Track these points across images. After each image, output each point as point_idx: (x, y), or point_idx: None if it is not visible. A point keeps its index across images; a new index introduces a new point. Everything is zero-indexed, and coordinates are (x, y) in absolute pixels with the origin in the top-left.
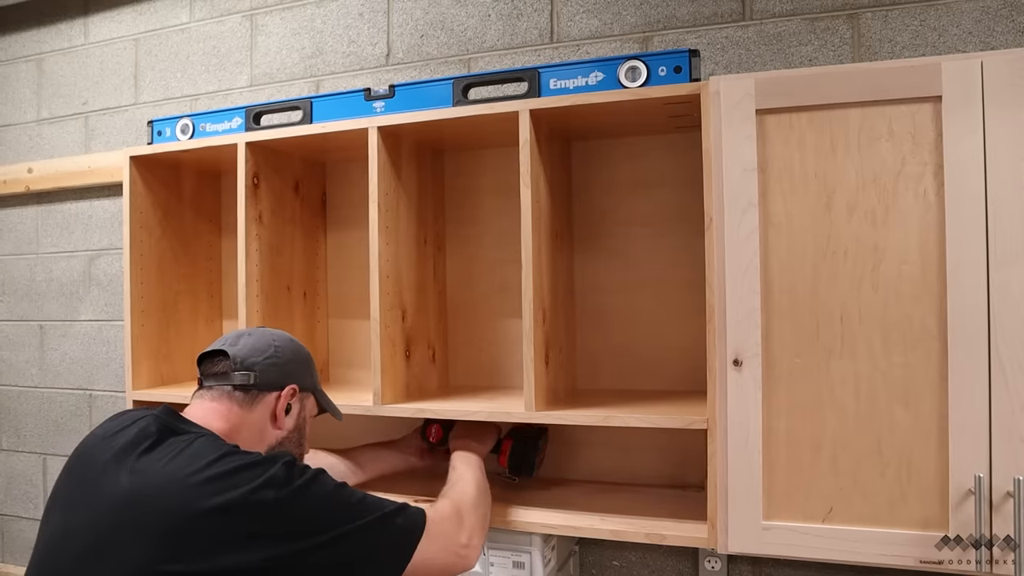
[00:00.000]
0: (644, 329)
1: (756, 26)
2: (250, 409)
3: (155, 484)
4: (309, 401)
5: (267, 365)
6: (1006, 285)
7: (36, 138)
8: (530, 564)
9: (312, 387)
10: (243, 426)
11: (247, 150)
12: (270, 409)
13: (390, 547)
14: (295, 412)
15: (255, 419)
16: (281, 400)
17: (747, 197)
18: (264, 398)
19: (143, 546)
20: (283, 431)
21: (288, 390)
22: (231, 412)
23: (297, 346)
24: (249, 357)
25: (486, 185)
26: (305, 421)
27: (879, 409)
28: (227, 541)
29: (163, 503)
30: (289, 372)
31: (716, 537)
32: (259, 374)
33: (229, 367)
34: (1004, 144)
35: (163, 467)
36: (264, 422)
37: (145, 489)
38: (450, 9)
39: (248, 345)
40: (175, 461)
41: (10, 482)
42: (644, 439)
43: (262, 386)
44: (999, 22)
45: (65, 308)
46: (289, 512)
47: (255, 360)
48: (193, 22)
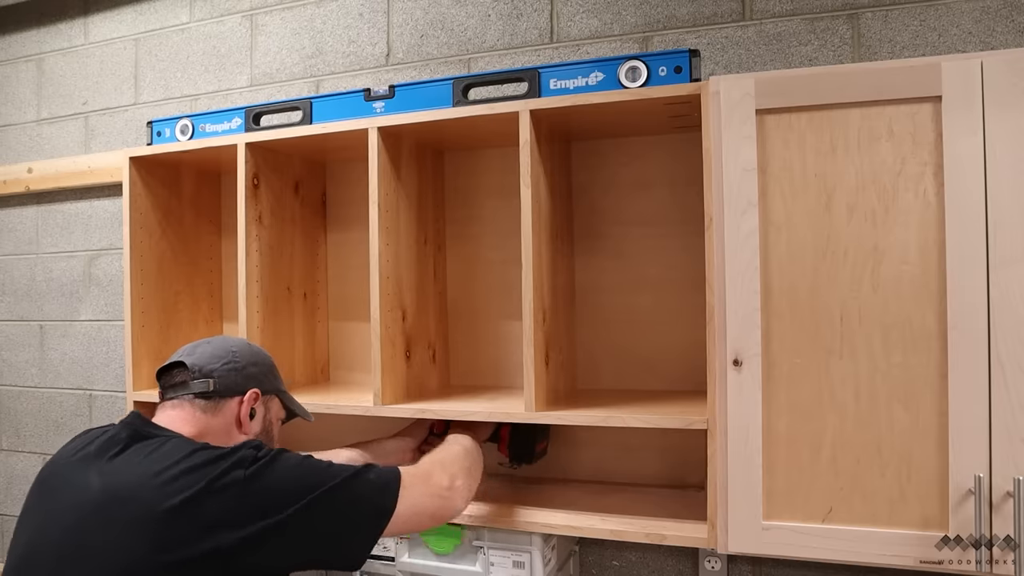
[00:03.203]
0: (644, 329)
1: (756, 26)
2: (213, 415)
3: (127, 483)
4: (274, 404)
5: (226, 371)
6: (1006, 285)
7: (36, 138)
8: (530, 564)
9: (275, 390)
10: (209, 431)
11: (247, 150)
12: (234, 414)
13: (370, 500)
14: (260, 416)
15: (220, 425)
16: (244, 405)
17: (747, 197)
18: (226, 404)
19: (124, 543)
20: (249, 435)
21: (250, 394)
22: (195, 418)
23: (256, 351)
24: (207, 364)
25: (486, 185)
26: (272, 424)
27: (879, 409)
28: (208, 526)
29: (136, 502)
30: (249, 376)
31: (716, 537)
32: (218, 380)
33: (188, 376)
34: (1004, 144)
35: (134, 468)
36: (229, 427)
37: (118, 489)
38: (450, 9)
39: (206, 353)
40: (146, 460)
41: (10, 482)
42: (644, 439)
43: (223, 392)
44: (999, 22)
45: (65, 308)
46: (260, 487)
47: (213, 367)
48: (193, 22)
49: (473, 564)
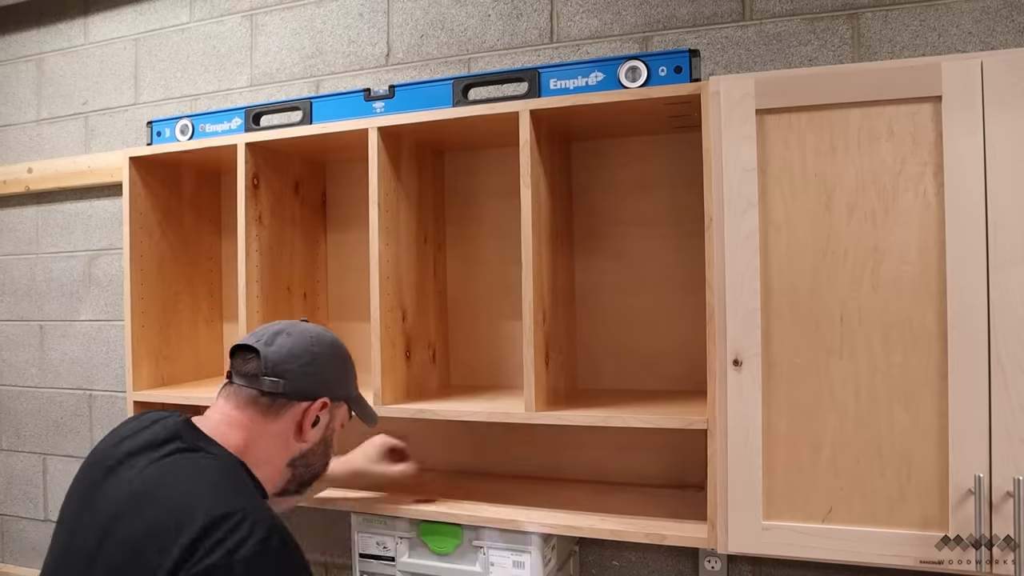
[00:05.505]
0: (644, 329)
1: (756, 26)
2: (274, 419)
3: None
4: (340, 411)
5: (300, 373)
6: (1006, 285)
7: (36, 138)
8: (530, 564)
9: (346, 396)
10: (262, 437)
11: (247, 151)
12: (296, 420)
13: None
14: (323, 424)
15: (277, 430)
16: (309, 413)
17: (747, 197)
18: (291, 408)
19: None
20: (307, 444)
21: (318, 403)
22: (252, 422)
23: (336, 350)
24: (282, 363)
25: (486, 185)
26: (333, 432)
27: (879, 409)
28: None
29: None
30: (323, 382)
31: (716, 537)
32: (290, 382)
33: (259, 369)
34: (1004, 144)
35: (161, 501)
36: (287, 434)
37: (140, 522)
38: (450, 9)
39: (284, 347)
40: (170, 499)
41: (10, 482)
42: (644, 439)
43: (291, 395)
44: (999, 22)
45: (65, 308)
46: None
47: (288, 367)
48: (193, 22)
49: (473, 564)
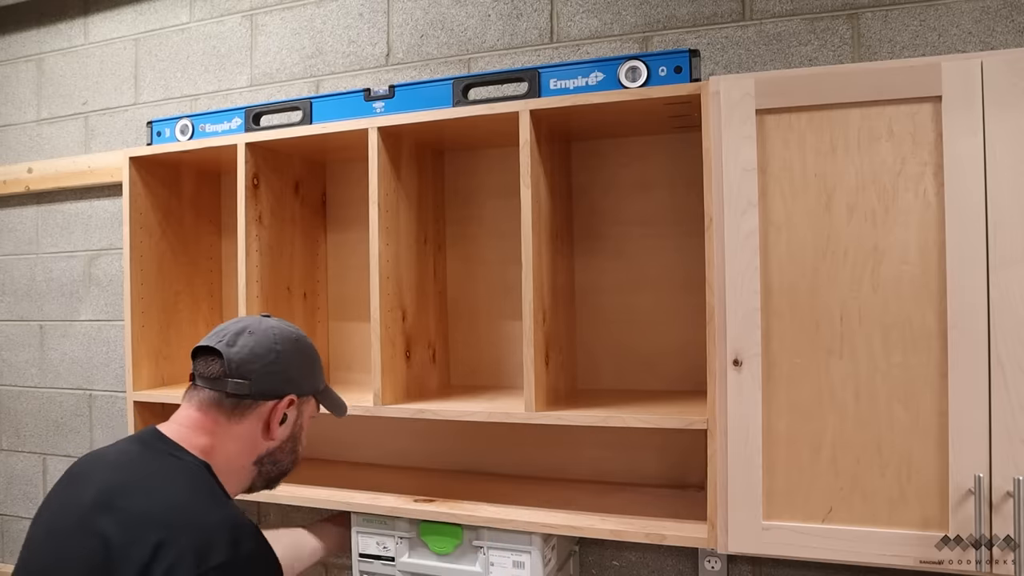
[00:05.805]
0: (644, 329)
1: (756, 26)
2: (240, 420)
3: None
4: (308, 405)
5: (265, 373)
6: (1006, 285)
7: (36, 138)
8: (530, 564)
9: (313, 390)
10: (229, 439)
11: (247, 151)
12: (263, 419)
13: None
14: (291, 420)
15: (243, 431)
16: (276, 411)
17: (747, 197)
18: (257, 408)
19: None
20: (275, 441)
21: (285, 401)
22: (217, 425)
23: (301, 347)
24: (245, 363)
25: (486, 185)
26: (301, 428)
27: (879, 409)
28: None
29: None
30: (288, 380)
31: (716, 537)
32: (254, 383)
33: (223, 371)
34: (1004, 144)
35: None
36: (254, 433)
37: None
38: (450, 9)
39: (246, 347)
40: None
41: (10, 482)
42: (644, 439)
43: (256, 395)
44: (999, 22)
45: (65, 308)
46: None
47: (252, 367)
48: (193, 22)
49: (473, 564)
